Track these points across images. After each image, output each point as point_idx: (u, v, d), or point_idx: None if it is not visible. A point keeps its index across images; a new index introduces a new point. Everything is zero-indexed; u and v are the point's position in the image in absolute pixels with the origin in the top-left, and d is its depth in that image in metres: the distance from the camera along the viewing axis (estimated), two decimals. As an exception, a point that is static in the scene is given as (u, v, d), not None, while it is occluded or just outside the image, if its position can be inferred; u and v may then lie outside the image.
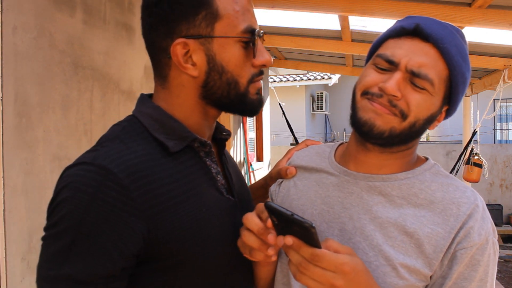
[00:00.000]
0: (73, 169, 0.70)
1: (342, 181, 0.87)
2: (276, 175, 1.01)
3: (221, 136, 0.91)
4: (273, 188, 1.01)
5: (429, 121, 0.82)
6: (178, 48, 0.75)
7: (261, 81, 0.84)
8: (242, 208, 0.88)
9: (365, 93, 0.81)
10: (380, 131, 0.78)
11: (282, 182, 0.99)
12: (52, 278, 0.66)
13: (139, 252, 0.70)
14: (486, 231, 0.78)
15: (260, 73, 0.82)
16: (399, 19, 0.87)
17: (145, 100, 0.83)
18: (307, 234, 0.66)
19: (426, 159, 0.89)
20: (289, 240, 0.67)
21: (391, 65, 0.79)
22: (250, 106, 0.82)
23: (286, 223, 0.68)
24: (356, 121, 0.81)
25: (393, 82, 0.77)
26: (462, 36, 0.83)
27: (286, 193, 0.95)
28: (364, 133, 0.81)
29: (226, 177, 0.88)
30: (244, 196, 0.92)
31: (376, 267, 0.78)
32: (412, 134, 0.81)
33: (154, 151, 0.76)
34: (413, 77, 0.77)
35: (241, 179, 0.98)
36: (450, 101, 0.83)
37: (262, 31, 0.83)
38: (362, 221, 0.82)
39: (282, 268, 0.89)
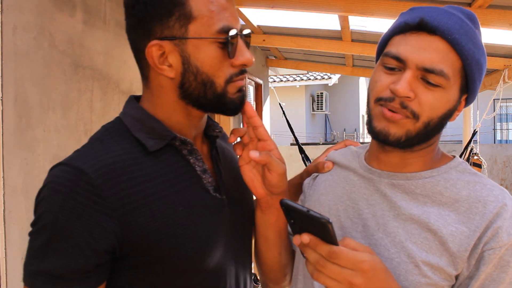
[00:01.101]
0: (55, 169, 0.75)
1: (368, 179, 0.87)
2: (314, 169, 1.02)
3: (212, 134, 0.91)
4: (307, 181, 1.02)
5: (447, 116, 0.80)
6: (153, 49, 0.76)
7: (245, 80, 0.83)
8: (233, 205, 0.88)
9: (378, 100, 0.79)
10: (396, 138, 0.78)
11: (317, 176, 1.00)
12: (33, 273, 0.70)
13: (113, 249, 0.73)
14: None
15: (240, 72, 0.81)
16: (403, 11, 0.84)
17: (130, 101, 0.85)
18: (324, 230, 0.64)
19: (454, 157, 0.87)
20: (306, 237, 0.66)
21: (400, 63, 0.77)
22: (230, 105, 0.81)
23: (302, 220, 0.66)
24: (371, 131, 0.81)
25: (404, 83, 0.74)
26: (472, 19, 0.79)
27: (317, 187, 0.96)
28: (381, 141, 0.81)
29: (215, 174, 0.88)
30: (236, 193, 0.91)
31: (398, 264, 0.77)
32: (429, 132, 0.79)
33: (134, 151, 0.78)
34: (426, 73, 0.75)
35: (237, 176, 0.96)
36: (468, 90, 0.81)
37: (247, 30, 0.82)
38: (386, 218, 0.81)
39: (304, 271, 0.89)
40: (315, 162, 1.03)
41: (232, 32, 0.76)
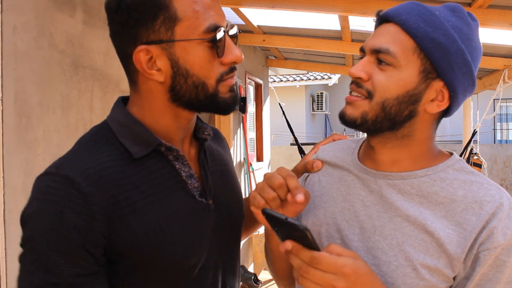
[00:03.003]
0: (42, 179, 0.73)
1: (363, 179, 0.87)
2: (302, 169, 1.00)
3: (202, 136, 0.90)
4: (299, 181, 1.01)
5: (407, 99, 0.78)
6: (141, 55, 0.75)
7: (234, 78, 0.82)
8: (219, 210, 0.87)
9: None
10: (352, 118, 0.81)
11: (308, 176, 0.99)
12: (41, 286, 0.69)
13: (105, 253, 0.74)
14: (510, 231, 0.74)
15: (230, 70, 0.80)
16: None
17: (118, 104, 0.84)
18: (303, 237, 0.66)
19: (451, 154, 0.86)
20: (289, 244, 0.68)
21: (363, 53, 0.83)
22: (223, 105, 0.80)
23: (284, 228, 0.68)
24: (338, 115, 0.85)
25: (357, 66, 0.80)
26: (453, 9, 0.80)
27: (311, 189, 0.95)
28: (343, 124, 0.84)
29: (202, 179, 0.87)
30: (223, 198, 0.90)
31: (395, 267, 0.77)
32: (389, 116, 0.79)
33: (119, 157, 0.78)
34: (378, 54, 0.79)
35: (226, 179, 0.96)
36: (438, 74, 0.78)
37: (234, 29, 0.81)
38: (382, 220, 0.81)
39: None
40: (303, 161, 1.01)
41: (219, 31, 0.75)
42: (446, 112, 0.83)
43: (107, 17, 0.77)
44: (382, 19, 0.83)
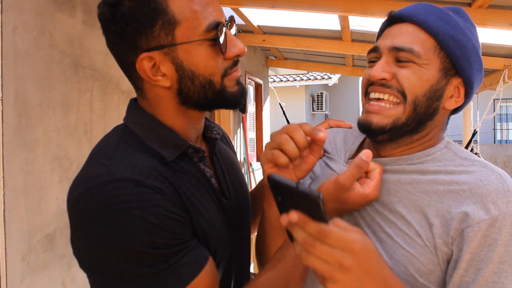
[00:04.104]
0: (99, 190, 0.68)
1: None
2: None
3: (211, 135, 0.90)
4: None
5: (435, 97, 0.79)
6: (144, 63, 0.73)
7: (239, 70, 0.81)
8: (234, 208, 0.88)
9: (365, 93, 0.83)
10: (380, 126, 0.79)
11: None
12: (168, 271, 0.69)
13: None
14: (501, 208, 0.72)
15: (234, 64, 0.79)
16: None
17: (136, 107, 0.81)
18: (314, 207, 0.59)
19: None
20: (294, 215, 0.60)
21: (377, 53, 0.82)
22: (232, 99, 0.79)
23: (291, 197, 0.61)
24: (357, 123, 0.83)
25: (377, 67, 0.79)
26: (457, 11, 0.82)
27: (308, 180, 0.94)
28: (363, 132, 0.82)
29: (218, 179, 0.87)
30: (237, 197, 0.91)
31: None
32: (420, 115, 0.78)
33: (156, 160, 0.75)
34: (398, 53, 0.78)
35: (235, 177, 0.95)
36: (458, 71, 0.80)
37: (232, 20, 0.79)
38: (375, 226, 0.81)
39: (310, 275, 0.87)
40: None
41: (220, 28, 0.74)
42: (457, 109, 0.85)
43: (102, 27, 0.75)
44: (394, 19, 0.82)
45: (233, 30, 0.80)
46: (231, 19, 0.80)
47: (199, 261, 0.71)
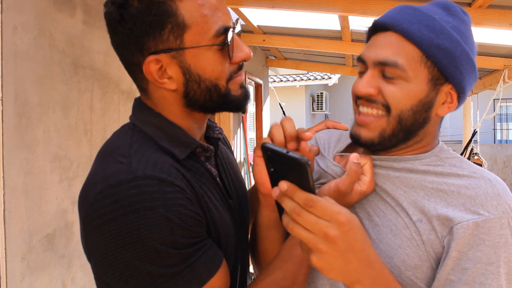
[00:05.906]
0: (121, 188, 0.67)
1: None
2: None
3: (213, 135, 0.90)
4: None
5: (421, 109, 0.78)
6: (151, 65, 0.72)
7: (242, 75, 0.81)
8: (236, 208, 0.88)
9: (355, 101, 0.83)
10: (368, 139, 0.79)
11: None
12: (186, 270, 0.69)
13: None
14: (491, 210, 0.72)
15: (239, 68, 0.79)
16: None
17: (144, 107, 0.80)
18: (302, 174, 0.61)
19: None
20: (284, 185, 0.62)
21: (364, 65, 0.80)
22: (235, 103, 0.80)
23: (282, 165, 0.63)
24: (350, 136, 0.84)
25: (362, 82, 0.78)
26: (447, 8, 0.79)
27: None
28: (356, 144, 0.82)
29: (221, 178, 0.88)
30: (238, 196, 0.92)
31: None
32: (406, 127, 0.78)
33: (168, 158, 0.75)
34: (383, 67, 0.76)
35: (235, 177, 0.96)
36: (448, 78, 0.77)
37: (238, 24, 0.79)
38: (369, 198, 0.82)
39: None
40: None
41: (229, 33, 0.74)
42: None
43: (108, 27, 0.74)
44: (377, 28, 0.80)
45: (238, 28, 0.80)
46: (237, 21, 0.80)
47: (216, 261, 0.72)
